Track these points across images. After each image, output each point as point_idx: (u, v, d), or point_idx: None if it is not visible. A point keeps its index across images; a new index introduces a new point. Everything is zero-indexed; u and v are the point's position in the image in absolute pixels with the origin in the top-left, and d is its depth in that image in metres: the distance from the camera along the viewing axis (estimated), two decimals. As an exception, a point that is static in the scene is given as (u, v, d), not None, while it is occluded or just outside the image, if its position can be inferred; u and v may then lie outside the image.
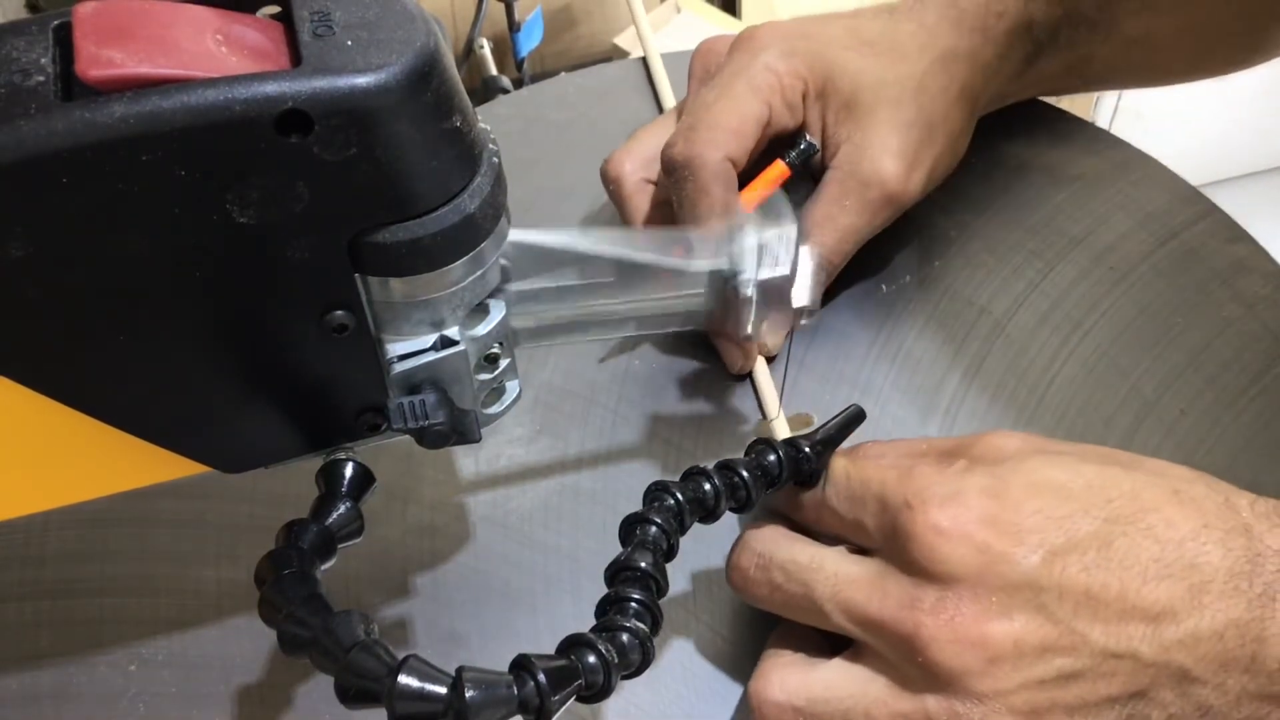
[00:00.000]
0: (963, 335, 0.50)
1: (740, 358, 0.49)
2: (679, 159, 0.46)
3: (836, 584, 0.36)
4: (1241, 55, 0.56)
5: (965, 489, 0.34)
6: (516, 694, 0.30)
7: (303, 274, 0.30)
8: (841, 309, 0.52)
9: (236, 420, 0.34)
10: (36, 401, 0.30)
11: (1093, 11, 0.52)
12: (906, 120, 0.48)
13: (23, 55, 0.27)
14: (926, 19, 0.50)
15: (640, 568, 0.34)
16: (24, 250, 0.26)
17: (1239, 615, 0.32)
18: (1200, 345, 0.49)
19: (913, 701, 0.33)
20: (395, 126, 0.27)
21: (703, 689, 0.41)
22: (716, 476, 0.37)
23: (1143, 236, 0.54)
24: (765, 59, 0.48)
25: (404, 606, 0.44)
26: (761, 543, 0.38)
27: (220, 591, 0.44)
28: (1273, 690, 0.32)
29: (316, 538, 0.35)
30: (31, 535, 0.46)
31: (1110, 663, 0.32)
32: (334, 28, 0.28)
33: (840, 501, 0.37)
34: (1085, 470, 0.35)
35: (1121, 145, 0.58)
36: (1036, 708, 0.32)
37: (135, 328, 0.29)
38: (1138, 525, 0.33)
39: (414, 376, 0.34)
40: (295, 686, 0.42)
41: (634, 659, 0.33)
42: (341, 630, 0.31)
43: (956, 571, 0.33)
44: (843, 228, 0.48)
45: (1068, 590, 0.32)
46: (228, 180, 0.27)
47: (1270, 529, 0.33)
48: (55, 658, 0.43)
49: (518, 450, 0.48)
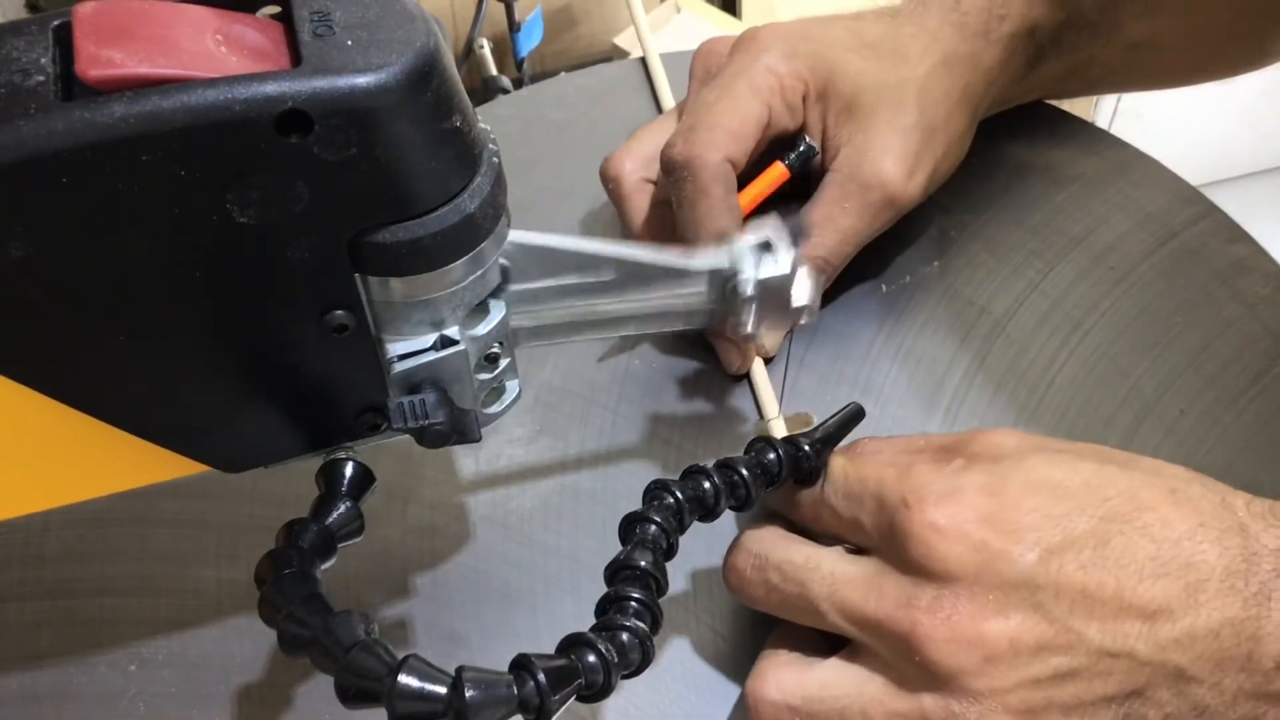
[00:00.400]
0: (963, 335, 0.50)
1: (738, 358, 0.49)
2: (679, 159, 0.46)
3: (833, 583, 0.36)
4: (1245, 59, 0.56)
5: (962, 487, 0.34)
6: (516, 693, 0.30)
7: (303, 274, 0.30)
8: (841, 309, 0.52)
9: (236, 420, 0.34)
10: (36, 401, 0.30)
11: (1095, 15, 0.52)
12: (907, 123, 0.48)
13: (23, 55, 0.27)
14: (929, 22, 0.50)
15: (640, 566, 0.34)
16: (24, 250, 0.26)
17: (1235, 614, 0.32)
18: (1200, 345, 0.49)
19: (909, 700, 0.33)
20: (395, 126, 0.27)
21: (702, 688, 0.41)
22: (716, 475, 0.37)
23: (1143, 236, 0.54)
24: (766, 60, 0.48)
25: (404, 606, 0.44)
26: (758, 543, 0.38)
27: (220, 591, 0.44)
28: (1268, 689, 0.32)
29: (316, 537, 0.35)
30: (31, 535, 0.46)
31: (1106, 661, 0.32)
32: (334, 28, 0.28)
33: (838, 499, 0.37)
34: (1082, 469, 0.35)
35: (1121, 145, 0.58)
36: (1032, 707, 0.32)
37: (135, 328, 0.29)
38: (1134, 524, 0.33)
39: (414, 376, 0.34)
40: (295, 686, 0.42)
41: (634, 658, 0.33)
42: (341, 630, 0.31)
43: (953, 570, 0.33)
44: (842, 230, 0.48)
45: (1064, 588, 0.32)
46: (228, 180, 0.27)
47: (1266, 528, 0.33)
48: (55, 658, 0.43)
49: (518, 450, 0.48)
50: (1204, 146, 1.57)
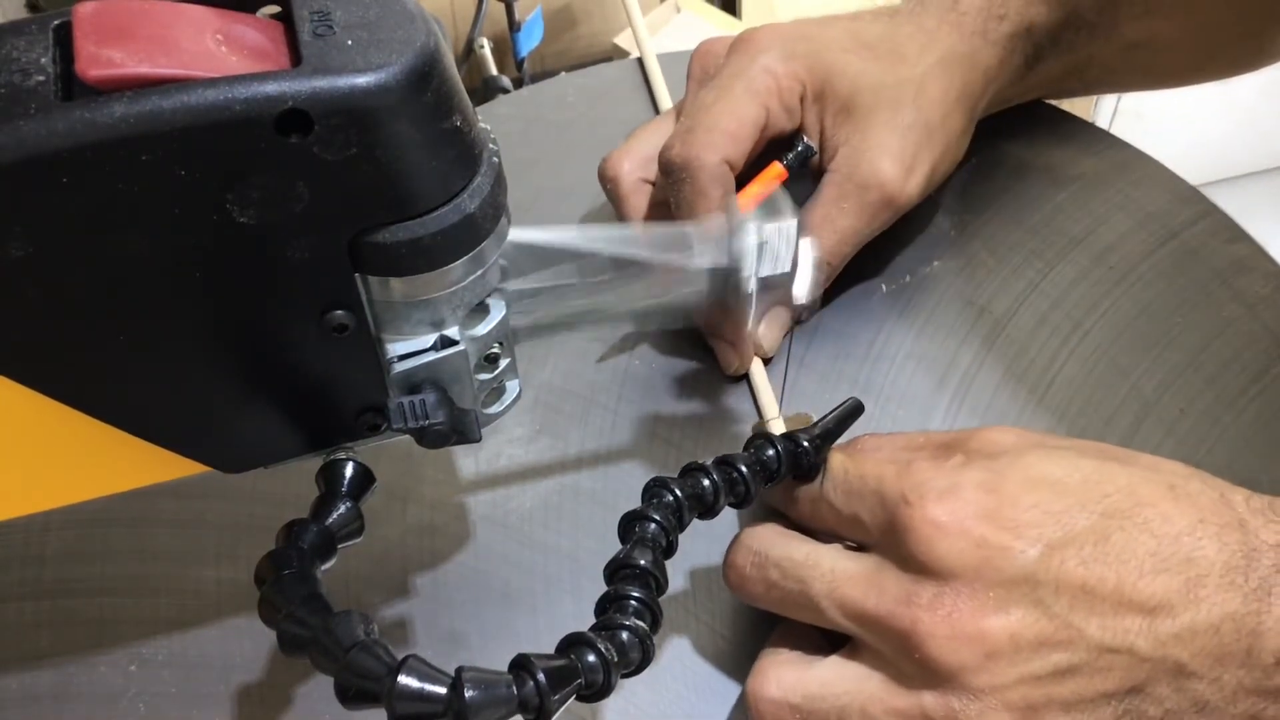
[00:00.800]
0: (963, 335, 0.50)
1: (736, 359, 0.49)
2: (677, 161, 0.46)
3: (833, 580, 0.36)
4: (1245, 59, 0.56)
5: (962, 483, 0.34)
6: (516, 693, 0.30)
7: (303, 274, 0.30)
8: (841, 309, 0.52)
9: (236, 420, 0.34)
10: (36, 401, 0.30)
11: (1093, 15, 0.52)
12: (905, 123, 0.48)
13: (23, 55, 0.27)
14: (926, 22, 0.50)
15: (639, 565, 0.34)
16: (24, 250, 0.26)
17: (1235, 609, 0.32)
18: (1200, 345, 0.50)
19: (909, 698, 0.34)
20: (395, 126, 0.27)
21: (702, 688, 0.41)
22: (715, 472, 0.37)
23: (1143, 236, 0.54)
24: (764, 61, 0.48)
25: (404, 606, 0.44)
26: (757, 541, 0.38)
27: (220, 591, 0.44)
28: (1268, 684, 0.32)
29: (316, 538, 0.35)
30: (31, 535, 0.46)
31: (1106, 657, 0.32)
32: (334, 27, 0.28)
33: (837, 496, 0.37)
34: (1082, 465, 0.35)
35: (1121, 145, 0.58)
36: (1033, 703, 0.32)
37: (135, 328, 0.29)
38: (1134, 520, 0.33)
39: (414, 376, 0.34)
40: (295, 686, 0.42)
41: (634, 657, 0.33)
42: (341, 630, 0.31)
43: (954, 566, 0.33)
44: (841, 230, 0.48)
45: (1065, 585, 0.32)
46: (228, 180, 0.27)
47: (1265, 524, 0.33)
48: (55, 658, 0.43)
49: (518, 450, 0.48)
50: (1204, 146, 1.57)
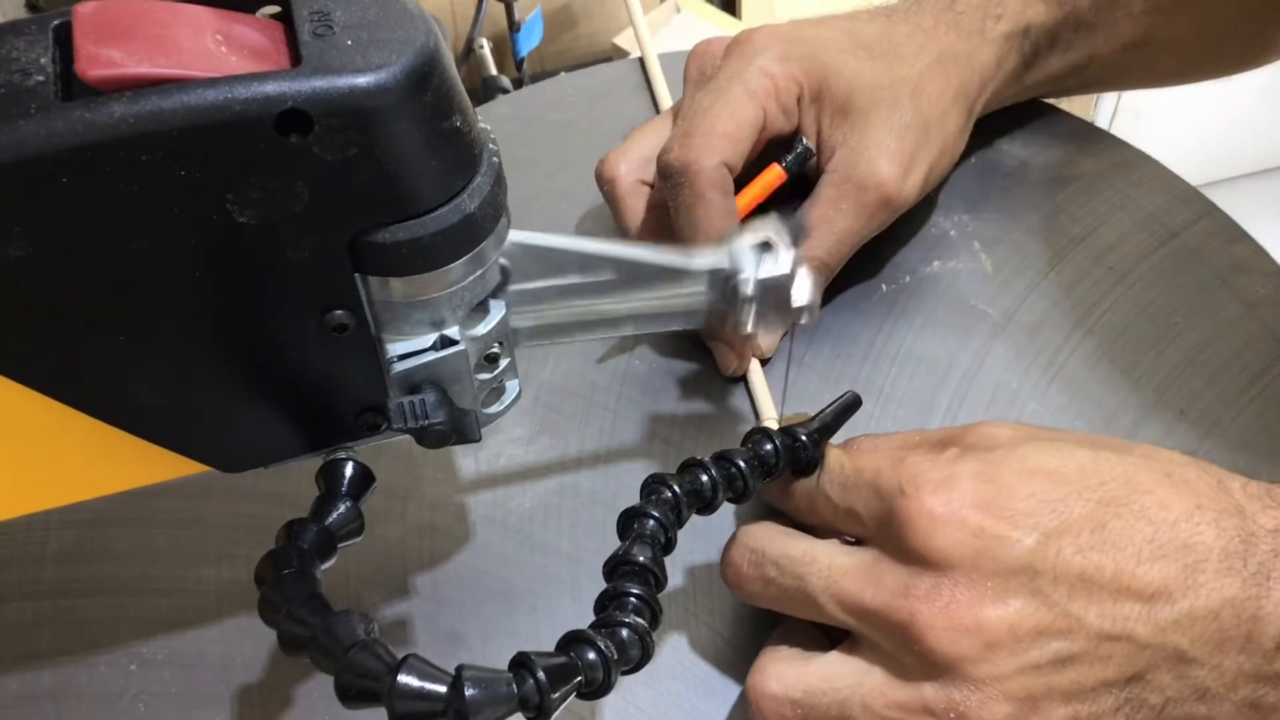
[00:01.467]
0: (963, 335, 0.50)
1: (734, 360, 0.49)
2: (675, 165, 0.46)
3: (830, 575, 0.36)
4: (1245, 57, 0.56)
5: (958, 474, 0.34)
6: (516, 692, 0.30)
7: (303, 274, 0.30)
8: (841, 309, 0.52)
9: (236, 420, 0.34)
10: (36, 401, 0.30)
11: (1092, 14, 0.52)
12: (903, 123, 0.48)
13: (23, 55, 0.27)
14: (923, 21, 0.50)
15: (639, 562, 0.34)
16: (24, 250, 0.26)
17: (1234, 594, 0.32)
18: (1200, 345, 0.49)
19: (909, 690, 0.33)
20: (395, 126, 0.28)
21: (702, 687, 0.41)
22: (713, 467, 0.37)
23: (1143, 236, 0.54)
24: (760, 62, 0.48)
25: (404, 606, 0.44)
26: (754, 538, 0.38)
27: (220, 591, 0.44)
28: (1268, 670, 0.32)
29: (316, 537, 0.35)
30: (31, 535, 0.46)
31: (1106, 645, 0.32)
32: (334, 27, 0.28)
33: (834, 489, 0.37)
34: (1078, 454, 0.35)
35: (1121, 145, 0.58)
36: (1033, 693, 0.32)
37: (135, 328, 0.29)
38: (1131, 507, 0.33)
39: (414, 376, 0.34)
40: (295, 686, 0.42)
41: (634, 654, 0.33)
42: (341, 630, 0.31)
43: (951, 557, 0.33)
44: (839, 230, 0.48)
45: (1062, 573, 0.32)
46: (228, 180, 0.27)
47: (1263, 509, 0.33)
48: (55, 658, 0.43)
49: (518, 450, 0.48)
50: (1204, 146, 1.57)
